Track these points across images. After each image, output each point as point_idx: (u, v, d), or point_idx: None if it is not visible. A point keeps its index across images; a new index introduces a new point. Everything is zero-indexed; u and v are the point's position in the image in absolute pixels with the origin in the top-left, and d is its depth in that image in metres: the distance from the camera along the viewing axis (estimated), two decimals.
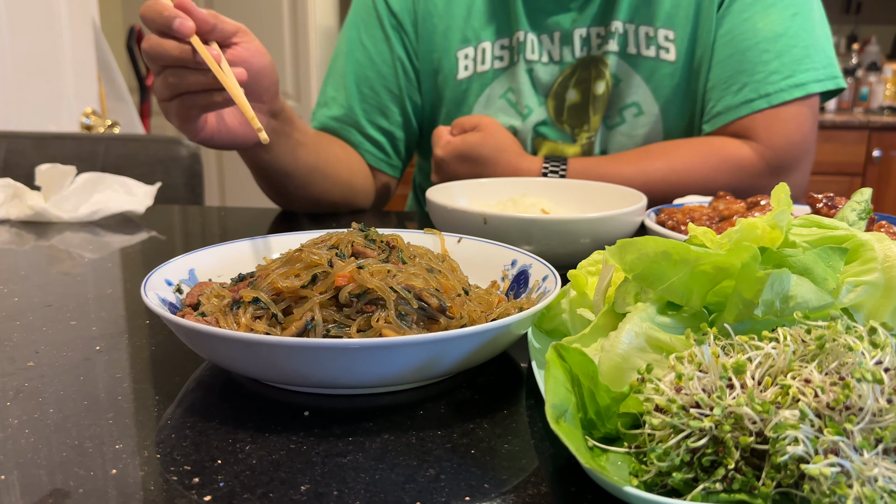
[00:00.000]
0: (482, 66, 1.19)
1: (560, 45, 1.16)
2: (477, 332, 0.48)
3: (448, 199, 0.88)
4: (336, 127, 1.23)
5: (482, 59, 1.18)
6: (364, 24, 1.22)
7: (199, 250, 0.65)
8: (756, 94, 1.07)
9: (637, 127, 1.15)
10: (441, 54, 1.20)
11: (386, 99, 1.22)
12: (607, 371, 0.44)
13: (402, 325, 0.51)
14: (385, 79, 1.22)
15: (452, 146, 1.09)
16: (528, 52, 1.17)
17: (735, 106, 1.09)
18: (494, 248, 0.69)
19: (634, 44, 1.13)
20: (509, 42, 1.18)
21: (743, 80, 1.08)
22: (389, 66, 1.22)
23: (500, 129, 1.11)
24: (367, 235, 0.60)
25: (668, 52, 1.12)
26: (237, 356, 0.49)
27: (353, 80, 1.22)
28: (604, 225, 0.75)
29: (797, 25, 1.08)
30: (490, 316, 0.57)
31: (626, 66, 1.14)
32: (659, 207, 0.87)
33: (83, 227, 1.06)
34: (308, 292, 0.53)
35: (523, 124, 1.18)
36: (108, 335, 0.63)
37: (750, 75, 1.08)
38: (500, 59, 1.18)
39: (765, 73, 1.07)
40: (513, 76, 1.18)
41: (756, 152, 1.07)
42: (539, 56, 1.17)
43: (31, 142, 1.55)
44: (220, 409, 0.50)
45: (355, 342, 0.45)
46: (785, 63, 1.07)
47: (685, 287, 0.46)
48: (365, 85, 1.22)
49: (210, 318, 0.53)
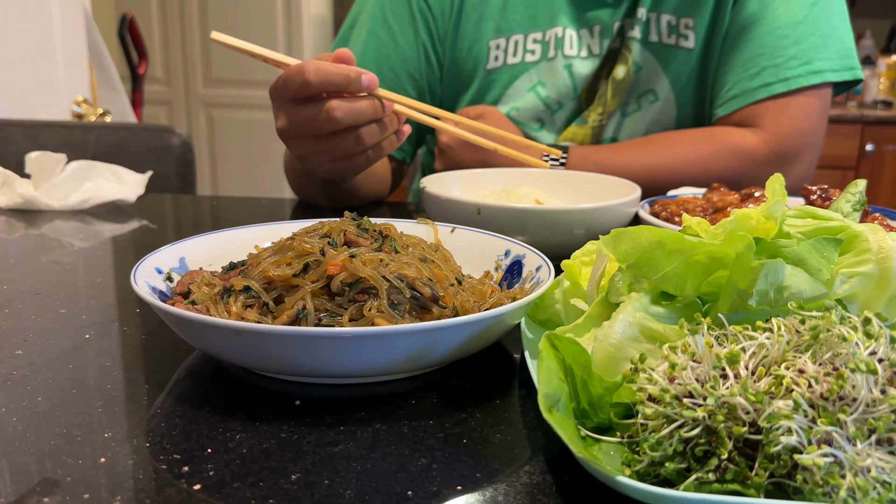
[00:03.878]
0: (513, 59, 1.17)
1: (600, 39, 1.15)
2: (469, 322, 0.48)
3: (442, 188, 0.87)
4: None
5: (514, 51, 1.17)
6: (390, 3, 1.18)
7: (189, 238, 0.65)
8: (775, 78, 1.07)
9: (651, 113, 1.15)
10: (472, 43, 1.18)
11: (406, 83, 1.19)
12: (600, 361, 0.44)
13: (395, 315, 0.51)
14: (407, 62, 1.19)
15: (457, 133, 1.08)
16: (566, 47, 1.15)
17: (753, 89, 1.08)
18: (488, 239, 0.68)
19: (656, 32, 1.12)
20: (542, 36, 1.16)
21: (762, 64, 1.08)
22: (413, 50, 1.18)
23: (503, 119, 1.11)
24: (359, 225, 0.60)
25: (686, 40, 1.12)
26: (227, 345, 0.48)
27: (372, 58, 1.18)
28: (597, 215, 0.75)
29: (816, 14, 1.08)
30: (483, 306, 0.56)
31: (647, 53, 1.14)
32: (653, 199, 0.87)
33: (73, 215, 1.05)
34: (300, 281, 0.53)
35: (552, 118, 1.18)
36: (98, 323, 0.63)
37: (769, 59, 1.07)
38: (532, 53, 1.17)
39: (784, 57, 1.07)
40: (546, 70, 1.16)
41: (761, 139, 1.06)
42: (578, 51, 1.16)
43: (21, 130, 1.54)
44: (210, 398, 0.50)
45: (347, 331, 0.45)
46: (803, 49, 1.07)
47: (679, 277, 0.45)
48: (385, 65, 1.18)
49: (200, 307, 0.53)
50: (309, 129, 0.82)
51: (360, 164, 0.86)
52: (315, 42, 3.52)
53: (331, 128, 0.81)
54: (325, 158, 0.85)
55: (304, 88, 0.79)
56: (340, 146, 0.83)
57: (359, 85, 0.78)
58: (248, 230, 0.68)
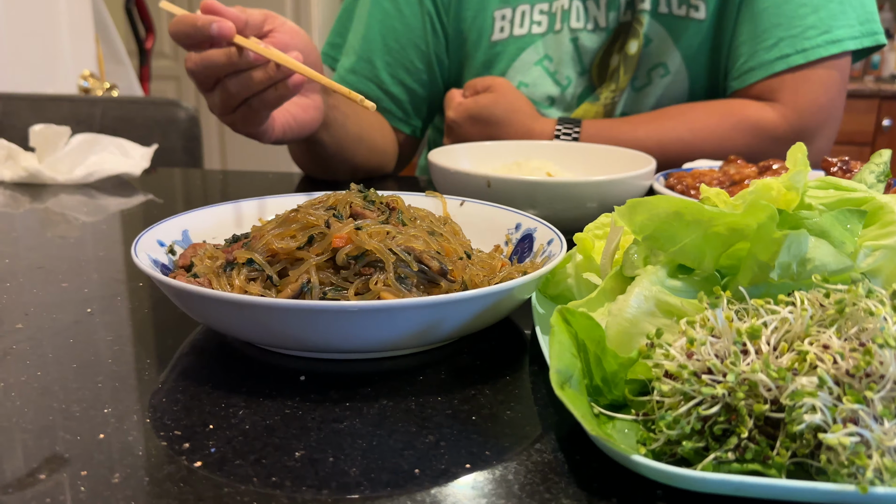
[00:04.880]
0: (520, 30, 1.13)
1: (606, 10, 1.11)
2: (479, 296, 0.46)
3: (451, 161, 0.85)
4: (353, 81, 1.17)
5: (520, 21, 1.13)
6: None
7: (192, 211, 0.63)
8: (793, 49, 1.03)
9: (662, 88, 1.12)
10: (476, 13, 1.14)
11: (412, 54, 1.16)
12: (615, 336, 0.42)
13: (402, 289, 0.49)
14: (413, 32, 1.15)
15: (464, 107, 1.06)
16: (572, 20, 1.11)
17: (770, 61, 1.04)
18: (498, 212, 0.67)
19: (666, 3, 1.08)
20: (549, 7, 1.12)
21: (778, 35, 1.04)
22: (419, 20, 1.14)
23: (512, 90, 1.08)
24: (366, 197, 0.58)
25: (697, 11, 1.08)
26: (230, 319, 0.47)
27: (377, 29, 1.14)
28: (610, 188, 0.73)
29: None
30: (493, 280, 0.55)
31: (657, 25, 1.10)
32: (668, 171, 0.85)
33: (78, 189, 1.04)
34: (304, 254, 0.51)
35: (562, 94, 1.14)
36: (101, 297, 0.62)
37: (786, 30, 1.03)
38: (539, 24, 1.13)
39: (801, 27, 1.03)
40: (552, 44, 1.12)
41: (779, 114, 1.03)
42: (584, 24, 1.11)
43: (26, 103, 1.52)
44: (213, 374, 0.48)
45: (352, 305, 0.43)
46: (822, 18, 1.03)
47: (698, 249, 0.44)
48: (391, 37, 1.14)
49: (202, 280, 0.51)
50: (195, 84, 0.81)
51: (248, 116, 0.80)
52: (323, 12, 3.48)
53: (195, 80, 0.79)
54: (219, 111, 0.82)
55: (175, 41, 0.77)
56: (218, 98, 0.80)
57: (207, 33, 0.72)
58: (253, 203, 0.67)
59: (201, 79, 0.78)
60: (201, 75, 0.77)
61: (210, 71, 0.76)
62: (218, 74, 0.77)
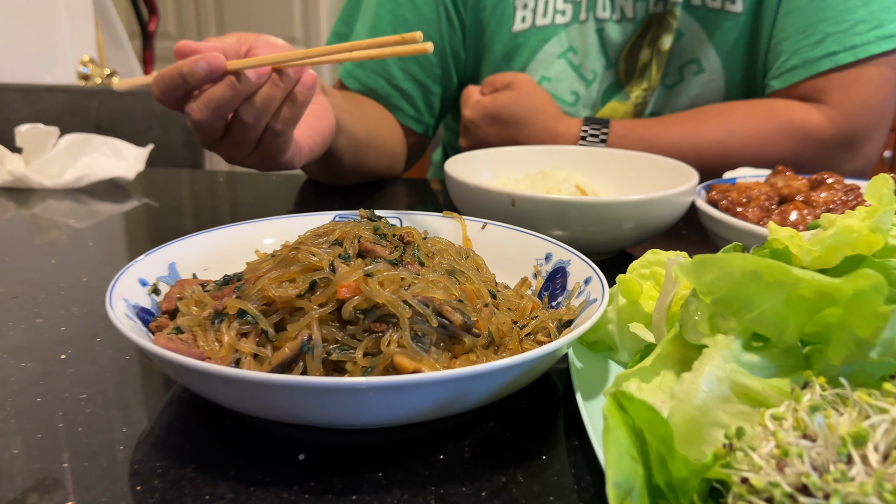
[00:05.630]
0: (542, 20, 1.03)
1: (633, 1, 1.01)
2: (511, 366, 0.39)
3: (469, 171, 0.77)
4: (360, 76, 1.07)
5: (543, 11, 1.03)
6: None
7: (180, 240, 0.56)
8: (840, 47, 0.93)
9: (695, 86, 1.03)
10: (496, 1, 1.04)
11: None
12: (680, 426, 0.35)
13: (419, 349, 0.42)
14: (426, 23, 1.05)
15: (482, 106, 0.97)
16: (598, 9, 1.02)
17: (815, 59, 0.95)
18: (525, 238, 0.59)
19: None
20: None
21: (824, 31, 0.94)
22: (432, 9, 1.05)
23: (534, 88, 0.99)
24: (376, 230, 0.51)
25: (734, 3, 0.98)
26: (218, 392, 0.40)
27: (387, 20, 1.05)
28: (651, 209, 0.65)
29: None
30: (524, 330, 0.47)
31: (690, 18, 1.00)
32: (709, 183, 0.77)
33: (67, 194, 0.97)
34: (305, 304, 0.44)
35: (587, 90, 1.05)
36: (79, 339, 0.55)
37: (833, 24, 0.94)
38: (563, 14, 1.03)
39: (850, 22, 0.93)
40: (577, 35, 1.03)
41: (827, 118, 0.94)
42: (610, 13, 1.02)
43: (19, 94, 1.45)
44: (197, 449, 0.41)
45: (360, 382, 0.36)
46: (873, 11, 0.93)
47: (779, 317, 0.36)
48: (402, 28, 1.04)
49: (186, 336, 0.44)
50: (200, 138, 0.72)
51: (275, 145, 0.72)
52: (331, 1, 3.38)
53: (204, 132, 0.69)
54: (238, 155, 0.73)
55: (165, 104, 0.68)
56: (235, 141, 0.70)
57: (199, 75, 0.65)
58: (248, 227, 0.60)
59: (212, 124, 0.68)
60: (212, 120, 0.67)
61: (220, 111, 0.67)
62: (228, 111, 0.68)
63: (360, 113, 0.97)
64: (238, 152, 0.72)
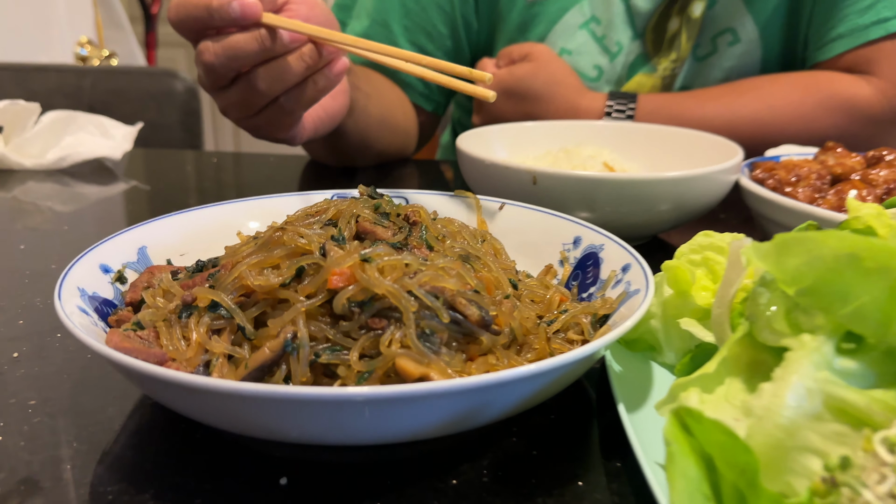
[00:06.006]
0: None
1: None
2: (542, 372, 0.31)
3: (483, 148, 0.70)
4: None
5: None
6: None
7: (151, 220, 0.49)
8: (892, 13, 0.85)
9: (730, 58, 0.94)
10: None
11: (434, 16, 0.98)
12: (761, 450, 0.27)
13: (427, 350, 0.35)
14: None
15: (497, 80, 0.89)
16: None
17: (864, 27, 0.87)
18: (550, 220, 0.51)
19: None
20: None
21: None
22: None
23: (554, 59, 0.90)
24: (377, 207, 0.43)
25: None
26: (179, 402, 0.32)
27: None
28: (691, 187, 0.57)
29: None
30: (552, 327, 0.40)
31: None
32: (751, 161, 0.69)
33: (49, 175, 0.90)
34: (290, 294, 0.36)
35: (611, 64, 0.96)
36: (35, 334, 0.48)
37: None
38: None
39: None
40: (600, 3, 0.95)
41: (876, 90, 0.86)
42: None
43: (10, 74, 1.38)
44: (159, 470, 0.34)
45: (355, 394, 0.29)
46: None
47: (882, 311, 0.28)
48: None
49: (146, 333, 0.37)
50: (202, 79, 0.63)
51: (278, 120, 0.64)
52: None
53: (211, 76, 0.61)
54: (238, 114, 0.65)
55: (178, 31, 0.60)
56: (237, 99, 0.62)
57: (227, 17, 0.56)
58: (231, 207, 0.52)
59: (222, 72, 0.60)
60: (224, 68, 0.59)
61: (237, 62, 0.58)
62: (244, 65, 0.59)
63: (376, 94, 0.89)
64: (237, 111, 0.64)
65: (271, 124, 0.65)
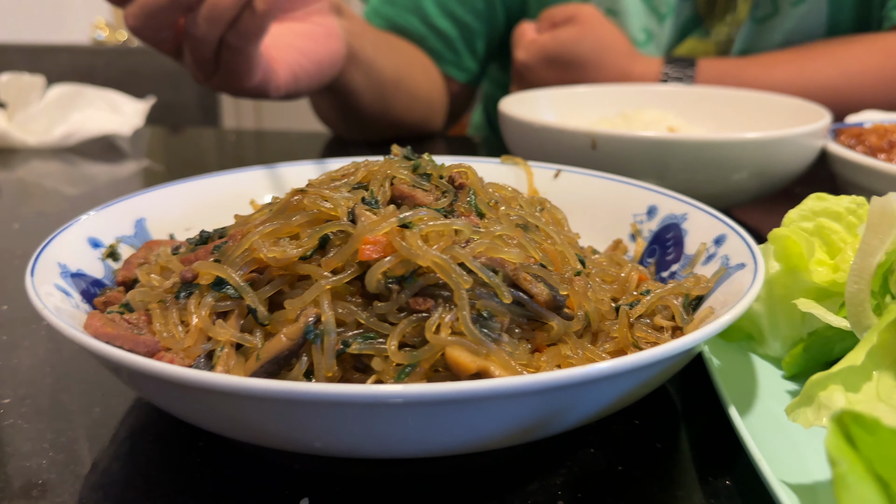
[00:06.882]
0: None
1: None
2: (639, 366, 0.24)
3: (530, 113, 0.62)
4: (389, 13, 0.91)
5: None
6: None
7: (151, 189, 0.42)
8: None
9: (793, 19, 0.85)
10: None
11: None
12: None
13: (484, 338, 0.27)
14: None
15: (539, 46, 0.81)
16: None
17: None
18: (616, 188, 0.44)
19: None
20: None
21: None
22: None
23: (602, 22, 0.82)
24: (416, 168, 0.36)
25: None
26: (175, 402, 0.26)
27: None
28: (775, 151, 0.49)
29: None
30: (634, 311, 0.32)
31: None
32: (835, 128, 0.61)
33: (55, 154, 0.83)
34: (312, 269, 0.29)
35: (660, 27, 0.88)
36: (18, 321, 0.41)
37: None
38: None
39: None
40: None
41: None
42: None
43: (23, 54, 1.33)
44: (154, 488, 0.27)
45: (394, 393, 0.21)
46: None
47: None
48: None
49: (135, 317, 0.30)
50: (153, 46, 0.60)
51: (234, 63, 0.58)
52: None
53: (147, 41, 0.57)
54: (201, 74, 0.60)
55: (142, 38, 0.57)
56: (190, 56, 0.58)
57: None
58: (243, 176, 0.45)
59: (151, 35, 0.56)
60: (148, 29, 0.55)
61: (155, 19, 0.54)
62: (167, 21, 0.55)
63: (387, 47, 0.82)
64: (199, 72, 0.60)
65: (231, 72, 0.59)
